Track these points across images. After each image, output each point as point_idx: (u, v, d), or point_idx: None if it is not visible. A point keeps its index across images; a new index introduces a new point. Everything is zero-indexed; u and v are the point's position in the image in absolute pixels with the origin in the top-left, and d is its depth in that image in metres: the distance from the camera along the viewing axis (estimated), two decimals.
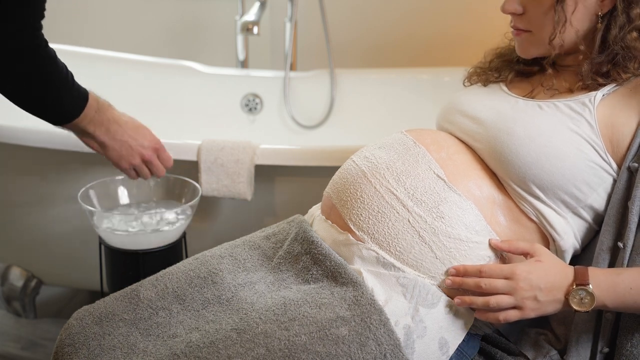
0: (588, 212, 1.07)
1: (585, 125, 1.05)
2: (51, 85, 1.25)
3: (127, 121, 1.39)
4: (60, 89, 1.26)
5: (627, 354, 1.00)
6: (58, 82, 1.25)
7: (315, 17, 2.30)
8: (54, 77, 1.24)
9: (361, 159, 1.11)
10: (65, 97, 1.28)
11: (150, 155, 1.42)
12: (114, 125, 1.36)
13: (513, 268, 0.99)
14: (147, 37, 2.48)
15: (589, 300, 0.97)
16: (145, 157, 1.41)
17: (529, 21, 1.10)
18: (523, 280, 0.97)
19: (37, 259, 1.94)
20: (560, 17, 1.06)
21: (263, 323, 0.98)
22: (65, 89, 1.27)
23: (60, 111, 1.29)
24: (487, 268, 0.99)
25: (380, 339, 0.95)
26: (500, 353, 1.06)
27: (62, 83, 1.26)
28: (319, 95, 2.30)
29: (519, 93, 1.15)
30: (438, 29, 2.39)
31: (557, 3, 1.05)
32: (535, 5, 1.08)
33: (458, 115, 1.16)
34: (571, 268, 1.00)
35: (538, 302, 0.98)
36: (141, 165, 1.42)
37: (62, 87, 1.26)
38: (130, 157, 1.39)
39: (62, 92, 1.27)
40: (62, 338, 1.06)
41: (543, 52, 1.12)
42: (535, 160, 1.03)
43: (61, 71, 1.26)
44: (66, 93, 1.27)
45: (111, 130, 1.35)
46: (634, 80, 1.08)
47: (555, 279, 0.98)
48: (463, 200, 1.04)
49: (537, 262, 0.99)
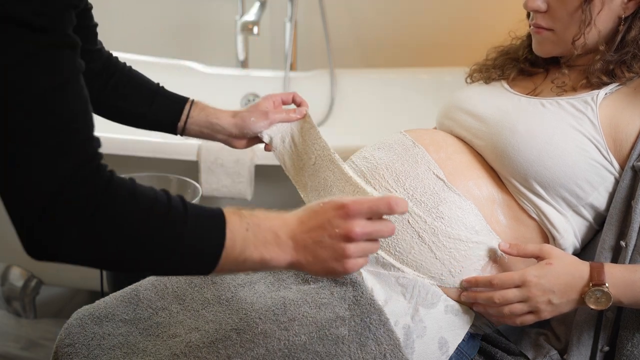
0: (589, 210, 1.07)
1: (588, 124, 1.05)
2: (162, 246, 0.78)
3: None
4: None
5: (627, 354, 1.00)
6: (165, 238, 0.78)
7: (315, 17, 2.30)
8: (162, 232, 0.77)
9: (360, 160, 1.11)
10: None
11: (354, 233, 0.84)
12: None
13: (524, 275, 0.97)
14: (147, 37, 2.48)
15: (605, 299, 0.96)
16: (352, 237, 0.84)
17: (552, 19, 1.09)
18: (535, 286, 0.97)
19: None
20: (586, 17, 1.05)
21: (263, 323, 0.97)
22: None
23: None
24: (498, 279, 0.98)
25: (380, 339, 0.95)
26: (500, 353, 1.06)
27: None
28: (319, 95, 2.30)
29: (521, 91, 1.15)
30: (438, 29, 2.39)
31: (585, 3, 1.05)
32: (561, 4, 1.07)
33: (459, 112, 1.16)
34: (586, 265, 0.98)
35: (553, 305, 0.97)
36: (356, 252, 0.85)
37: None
38: (335, 261, 0.85)
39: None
40: (62, 338, 1.06)
41: (562, 51, 1.12)
42: (537, 158, 1.03)
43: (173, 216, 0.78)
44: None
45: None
46: (636, 80, 1.09)
47: (568, 280, 0.97)
48: (463, 200, 1.04)
49: (547, 265, 0.98)
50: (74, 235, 0.72)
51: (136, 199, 0.76)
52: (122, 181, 0.76)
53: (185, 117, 1.19)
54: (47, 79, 0.71)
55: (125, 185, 0.76)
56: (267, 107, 1.19)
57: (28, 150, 0.70)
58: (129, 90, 1.18)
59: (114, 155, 1.63)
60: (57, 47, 0.72)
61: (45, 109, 0.71)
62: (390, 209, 0.83)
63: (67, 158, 0.72)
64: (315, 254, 0.83)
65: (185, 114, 1.18)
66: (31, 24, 0.69)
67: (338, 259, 0.83)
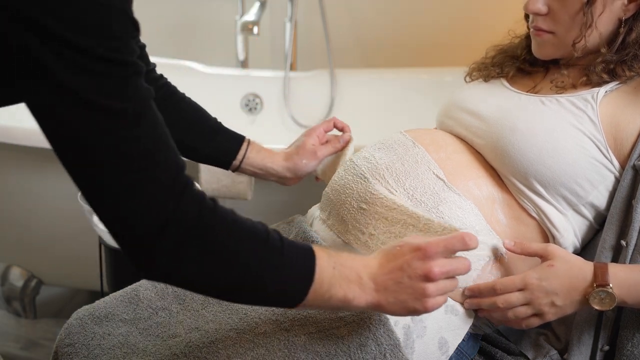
0: (589, 209, 1.07)
1: (588, 122, 1.05)
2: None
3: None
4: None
5: (627, 354, 1.00)
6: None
7: (315, 17, 2.30)
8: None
9: (361, 160, 1.11)
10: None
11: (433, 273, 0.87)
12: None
13: (525, 278, 0.97)
14: (147, 37, 2.46)
15: (610, 300, 0.95)
16: (431, 277, 0.87)
17: (553, 22, 1.09)
18: (537, 288, 0.96)
19: (37, 259, 1.94)
20: (588, 20, 1.05)
21: (263, 323, 0.97)
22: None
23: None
24: (501, 284, 0.98)
25: (380, 339, 0.95)
26: (500, 353, 1.06)
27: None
28: (319, 95, 2.30)
29: (521, 89, 1.15)
30: (438, 29, 2.39)
31: (587, 5, 1.04)
32: (562, 7, 1.07)
33: (459, 111, 1.16)
34: (589, 265, 0.97)
35: (556, 307, 0.97)
36: (436, 291, 0.88)
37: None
38: (416, 301, 0.88)
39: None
40: (62, 338, 1.06)
41: (563, 54, 1.12)
42: (537, 156, 1.03)
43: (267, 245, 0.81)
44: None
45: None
46: (637, 79, 1.09)
47: (571, 282, 0.96)
48: (463, 200, 1.04)
49: (549, 267, 0.97)
50: (187, 256, 0.76)
51: (238, 224, 0.80)
52: (223, 207, 0.80)
53: (241, 157, 1.23)
54: (133, 106, 0.72)
55: (227, 210, 0.80)
56: (313, 144, 1.25)
57: (129, 181, 0.72)
58: (188, 124, 1.20)
59: None
60: (137, 74, 0.73)
61: (143, 140, 0.73)
62: (465, 246, 0.87)
63: (168, 184, 0.74)
64: (395, 295, 0.86)
65: (241, 154, 1.23)
66: (112, 59, 0.69)
67: (419, 298, 0.86)
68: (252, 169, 1.24)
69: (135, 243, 0.75)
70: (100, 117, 0.69)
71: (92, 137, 0.70)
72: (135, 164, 0.72)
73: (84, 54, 0.67)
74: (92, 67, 0.68)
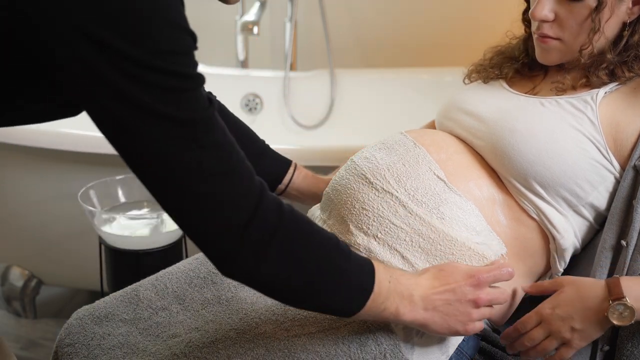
0: (589, 210, 1.07)
1: (587, 123, 1.05)
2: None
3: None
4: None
5: (627, 354, 1.00)
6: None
7: (315, 17, 2.30)
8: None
9: (361, 160, 1.11)
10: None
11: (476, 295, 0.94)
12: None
13: (539, 310, 0.98)
14: None
15: (629, 314, 0.93)
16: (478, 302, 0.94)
17: (560, 29, 1.08)
18: (552, 318, 0.96)
19: (37, 259, 1.94)
20: (596, 26, 1.05)
21: (263, 323, 0.97)
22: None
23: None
24: (520, 324, 0.99)
25: (380, 339, 0.95)
26: (500, 353, 1.06)
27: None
28: (319, 95, 2.30)
29: (520, 90, 1.15)
30: (438, 29, 2.39)
31: (595, 12, 1.04)
32: (570, 13, 1.06)
33: (459, 112, 1.16)
34: (600, 283, 0.96)
35: (578, 331, 0.96)
36: (479, 316, 0.95)
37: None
38: (460, 323, 0.94)
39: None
40: (62, 338, 1.06)
41: (568, 59, 1.11)
42: (537, 157, 1.03)
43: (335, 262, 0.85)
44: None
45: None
46: (636, 80, 1.09)
47: (583, 303, 0.96)
48: (463, 201, 1.04)
49: (559, 294, 0.97)
50: (269, 255, 0.79)
51: (313, 225, 0.84)
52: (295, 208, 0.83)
53: (287, 181, 1.23)
54: (200, 115, 0.75)
55: (299, 212, 0.83)
56: None
57: (212, 185, 0.76)
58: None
59: (114, 156, 1.62)
60: (203, 85, 0.77)
61: (220, 150, 0.77)
62: (510, 279, 0.97)
63: (247, 184, 0.78)
64: (442, 316, 0.91)
65: (288, 177, 1.23)
66: (183, 73, 0.74)
67: (463, 321, 0.93)
68: (297, 194, 1.25)
69: (219, 244, 0.78)
70: (177, 128, 0.73)
71: (172, 148, 0.73)
72: (217, 167, 0.76)
73: (156, 73, 0.71)
74: (164, 83, 0.72)
